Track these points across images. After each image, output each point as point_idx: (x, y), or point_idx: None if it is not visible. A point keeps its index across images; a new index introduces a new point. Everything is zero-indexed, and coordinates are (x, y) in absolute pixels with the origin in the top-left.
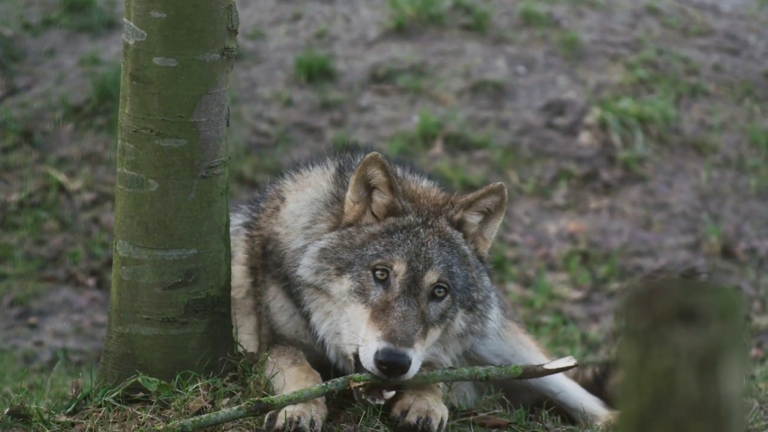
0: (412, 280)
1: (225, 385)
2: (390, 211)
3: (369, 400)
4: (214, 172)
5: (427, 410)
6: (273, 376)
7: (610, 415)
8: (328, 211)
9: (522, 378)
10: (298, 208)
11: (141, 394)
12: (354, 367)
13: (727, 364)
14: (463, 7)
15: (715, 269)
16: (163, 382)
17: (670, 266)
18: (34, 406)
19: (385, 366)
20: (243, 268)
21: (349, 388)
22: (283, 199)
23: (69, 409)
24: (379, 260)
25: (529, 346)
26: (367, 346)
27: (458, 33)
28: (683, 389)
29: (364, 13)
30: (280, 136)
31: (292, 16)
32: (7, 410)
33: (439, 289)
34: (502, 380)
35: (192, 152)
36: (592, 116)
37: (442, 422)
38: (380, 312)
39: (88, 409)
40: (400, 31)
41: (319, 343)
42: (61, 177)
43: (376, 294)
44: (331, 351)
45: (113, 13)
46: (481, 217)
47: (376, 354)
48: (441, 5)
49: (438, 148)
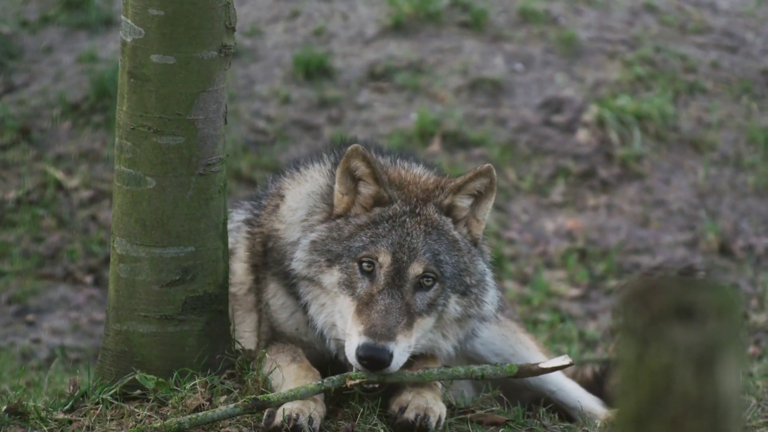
0: (397, 272)
1: (222, 383)
2: (376, 201)
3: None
4: (211, 170)
5: (425, 407)
6: (271, 373)
7: (609, 413)
8: (324, 203)
9: (517, 377)
10: (295, 202)
11: (138, 392)
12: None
13: (724, 361)
14: (460, 5)
15: (713, 267)
16: (160, 380)
17: (668, 264)
18: (31, 404)
19: (365, 361)
20: (245, 265)
21: (345, 386)
22: (283, 196)
23: (66, 407)
24: (365, 252)
25: (528, 345)
26: (350, 341)
27: (456, 30)
28: (681, 386)
29: (361, 10)
30: (278, 134)
31: (289, 14)
32: (4, 407)
33: (427, 279)
34: (498, 379)
35: (190, 150)
36: (590, 114)
37: (440, 419)
38: (364, 305)
39: (86, 406)
40: (398, 28)
41: (318, 335)
42: (59, 174)
43: (362, 286)
44: (331, 343)
45: (111, 11)
46: (471, 200)
47: (357, 349)
48: (439, 3)
49: (436, 146)
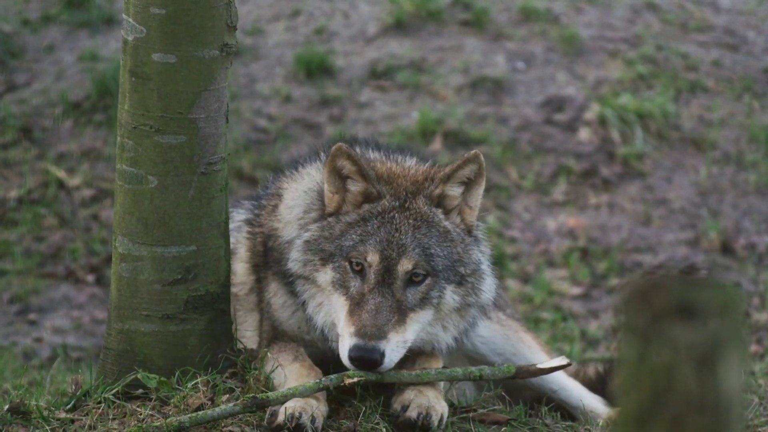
0: (386, 270)
1: (224, 382)
2: (365, 197)
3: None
4: (213, 169)
5: (428, 406)
6: (273, 372)
7: (611, 412)
8: (320, 200)
9: (515, 378)
10: (293, 200)
11: (140, 391)
12: None
13: (726, 360)
14: (461, 3)
15: (715, 265)
16: (162, 379)
17: (670, 262)
18: (33, 403)
19: (357, 362)
20: (246, 265)
21: (343, 384)
22: (281, 195)
23: (68, 406)
24: (354, 252)
25: (530, 344)
26: (342, 342)
27: (457, 29)
28: (682, 385)
29: (363, 9)
30: (279, 132)
31: (291, 12)
32: (6, 407)
33: (417, 274)
34: (496, 380)
35: (191, 148)
36: (592, 112)
37: (442, 418)
38: (355, 306)
39: (88, 405)
40: (399, 27)
41: (319, 334)
42: (61, 173)
43: (354, 286)
44: (334, 342)
45: (112, 9)
46: (462, 188)
47: (349, 350)
48: (440, 1)
49: (437, 144)
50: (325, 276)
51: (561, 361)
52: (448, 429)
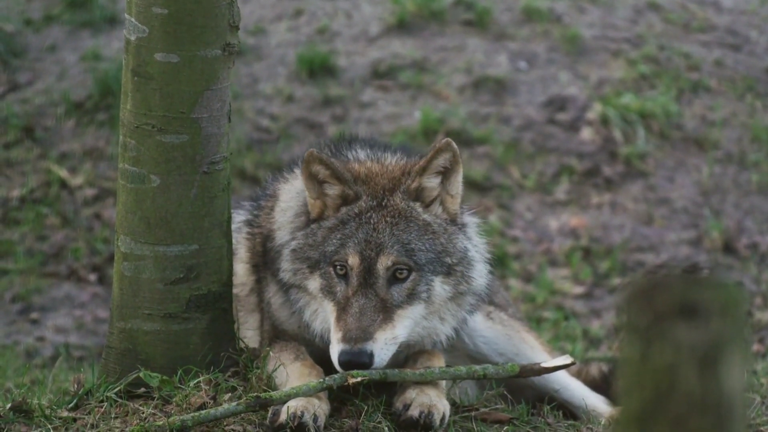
0: (367, 271)
1: (227, 381)
2: (343, 200)
3: None
4: (215, 168)
5: (429, 404)
6: (275, 370)
7: (613, 412)
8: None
9: (519, 377)
10: (286, 201)
11: (143, 390)
12: None
13: (728, 359)
14: (464, 3)
15: (717, 265)
16: (164, 378)
17: (672, 262)
18: (35, 402)
19: (347, 366)
20: (246, 266)
21: (346, 384)
22: (277, 197)
23: (71, 405)
24: (336, 256)
25: (532, 344)
26: (332, 349)
27: (460, 29)
28: (684, 384)
29: (365, 8)
30: (282, 132)
31: (293, 12)
32: (9, 405)
33: (400, 271)
34: (500, 378)
35: (194, 148)
36: (594, 112)
37: (443, 417)
38: (342, 310)
39: (90, 404)
40: (402, 26)
41: (319, 339)
42: (63, 173)
43: (340, 290)
44: None
45: (115, 9)
46: (439, 178)
47: (338, 357)
48: (442, 1)
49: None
50: (315, 283)
51: (565, 360)
52: (450, 428)
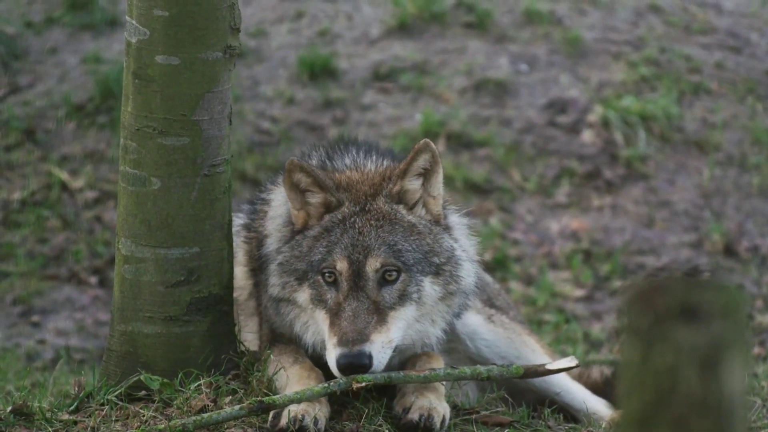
0: (356, 274)
1: (227, 383)
2: (326, 207)
3: None
4: (216, 171)
5: (429, 408)
6: (276, 373)
7: (614, 414)
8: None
9: (523, 378)
10: (275, 209)
11: (143, 393)
12: None
13: (729, 362)
14: (465, 5)
15: (718, 267)
16: (165, 381)
17: (673, 264)
18: (36, 405)
19: (347, 370)
20: (244, 269)
21: (351, 388)
22: (269, 203)
23: (71, 408)
24: (324, 264)
25: (533, 348)
26: (329, 355)
27: (461, 31)
28: (685, 387)
29: (366, 11)
30: (283, 135)
31: (294, 15)
32: (9, 408)
33: (389, 273)
34: (504, 380)
35: (194, 150)
36: (595, 114)
37: (444, 420)
38: (335, 316)
39: (91, 407)
40: (403, 29)
41: (311, 350)
42: (64, 175)
43: (331, 297)
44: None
45: (115, 11)
46: (421, 180)
47: (337, 361)
48: (443, 3)
49: (440, 146)
50: (304, 294)
51: (569, 362)
52: (451, 430)
